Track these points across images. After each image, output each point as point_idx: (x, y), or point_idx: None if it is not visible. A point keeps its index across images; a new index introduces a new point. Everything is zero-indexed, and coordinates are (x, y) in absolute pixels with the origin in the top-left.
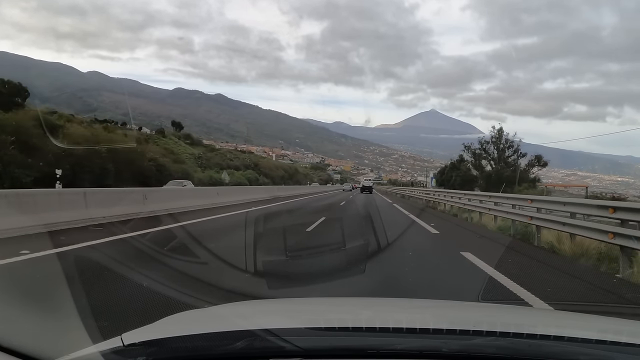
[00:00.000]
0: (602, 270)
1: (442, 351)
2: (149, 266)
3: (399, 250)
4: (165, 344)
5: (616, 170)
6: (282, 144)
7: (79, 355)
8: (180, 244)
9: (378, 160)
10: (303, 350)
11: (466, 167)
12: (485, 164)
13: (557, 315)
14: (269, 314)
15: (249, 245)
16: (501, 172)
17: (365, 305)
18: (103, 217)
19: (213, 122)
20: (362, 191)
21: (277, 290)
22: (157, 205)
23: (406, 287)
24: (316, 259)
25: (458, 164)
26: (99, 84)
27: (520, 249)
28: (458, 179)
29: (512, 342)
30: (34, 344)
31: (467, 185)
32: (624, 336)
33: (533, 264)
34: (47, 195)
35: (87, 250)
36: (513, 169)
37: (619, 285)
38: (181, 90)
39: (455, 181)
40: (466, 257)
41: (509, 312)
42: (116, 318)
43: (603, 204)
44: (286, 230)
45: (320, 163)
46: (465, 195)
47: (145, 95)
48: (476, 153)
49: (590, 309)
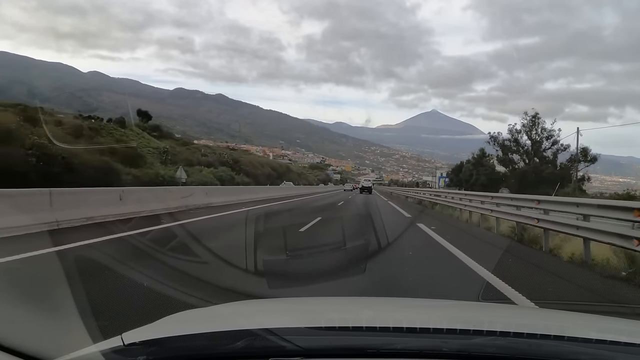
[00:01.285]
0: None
1: (442, 351)
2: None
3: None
4: (166, 343)
5: (617, 171)
6: (283, 144)
7: (80, 355)
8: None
9: (379, 160)
10: (303, 350)
11: (489, 163)
12: (518, 159)
13: (557, 315)
14: (269, 313)
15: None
16: (540, 169)
17: (366, 304)
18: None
19: (213, 122)
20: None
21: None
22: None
23: None
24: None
25: (480, 159)
26: (100, 84)
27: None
28: (483, 177)
29: (512, 342)
30: (34, 344)
31: (492, 186)
32: (624, 336)
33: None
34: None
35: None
36: (556, 166)
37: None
38: (182, 90)
39: (477, 180)
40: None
41: (509, 311)
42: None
43: (627, 206)
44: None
45: (320, 163)
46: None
47: (146, 95)
48: (505, 145)
49: (590, 309)
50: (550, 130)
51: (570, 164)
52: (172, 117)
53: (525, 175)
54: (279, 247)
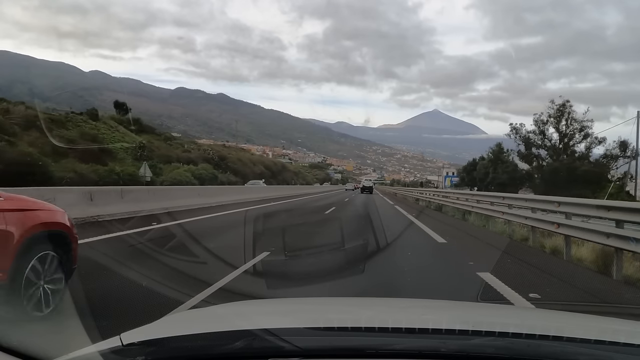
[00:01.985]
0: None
1: (441, 351)
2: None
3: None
4: (164, 343)
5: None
6: (284, 143)
7: (78, 355)
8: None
9: (380, 160)
10: (302, 350)
11: (509, 159)
12: (545, 154)
13: (555, 316)
14: (267, 313)
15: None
16: (573, 165)
17: (365, 305)
18: None
19: (214, 122)
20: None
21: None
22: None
23: None
24: None
25: (498, 155)
26: (101, 83)
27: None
28: (503, 176)
29: (510, 342)
30: (33, 344)
31: (513, 186)
32: (623, 336)
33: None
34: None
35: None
36: (590, 162)
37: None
38: (183, 89)
39: (494, 180)
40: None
41: (508, 312)
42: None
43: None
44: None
45: (321, 163)
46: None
47: (147, 95)
48: (529, 140)
49: (589, 309)
50: (583, 121)
51: (606, 160)
52: (173, 117)
53: (555, 172)
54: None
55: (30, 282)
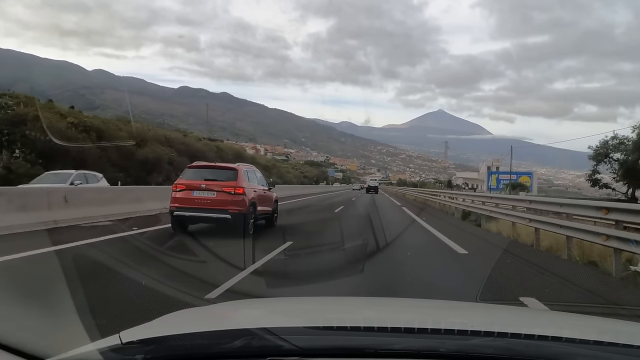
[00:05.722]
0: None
1: (440, 351)
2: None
3: None
4: (163, 342)
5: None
6: (287, 142)
7: (77, 353)
8: None
9: (385, 160)
10: (301, 350)
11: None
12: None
13: (555, 316)
14: (267, 313)
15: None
16: None
17: (364, 304)
18: None
19: (218, 121)
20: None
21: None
22: None
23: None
24: None
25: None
26: (104, 82)
27: None
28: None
29: (509, 343)
30: (32, 342)
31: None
32: (622, 337)
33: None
34: None
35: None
36: None
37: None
38: (186, 88)
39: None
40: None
41: (507, 312)
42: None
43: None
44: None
45: (324, 162)
46: None
47: (151, 94)
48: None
49: (589, 310)
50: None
51: None
52: (176, 115)
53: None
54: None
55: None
